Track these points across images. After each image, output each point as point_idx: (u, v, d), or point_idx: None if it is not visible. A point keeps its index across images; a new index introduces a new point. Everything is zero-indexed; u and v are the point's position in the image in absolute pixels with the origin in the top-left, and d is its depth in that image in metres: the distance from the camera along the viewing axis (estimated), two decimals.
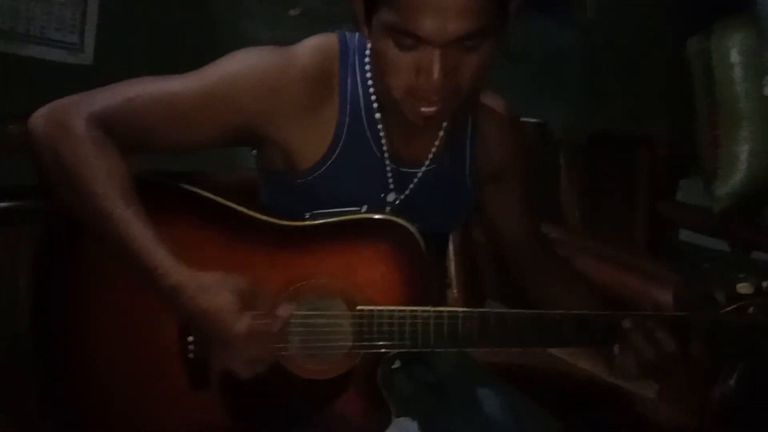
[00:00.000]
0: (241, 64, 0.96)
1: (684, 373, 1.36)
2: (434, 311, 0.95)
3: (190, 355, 0.96)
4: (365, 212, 0.99)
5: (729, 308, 0.99)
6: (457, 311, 0.96)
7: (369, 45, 1.00)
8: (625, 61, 2.29)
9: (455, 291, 1.67)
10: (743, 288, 0.99)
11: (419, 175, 1.06)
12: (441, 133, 1.05)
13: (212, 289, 0.88)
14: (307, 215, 0.99)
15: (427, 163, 1.06)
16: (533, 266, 1.21)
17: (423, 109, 0.92)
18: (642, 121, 2.21)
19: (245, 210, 0.98)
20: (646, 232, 2.15)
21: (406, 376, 1.10)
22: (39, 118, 0.90)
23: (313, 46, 1.00)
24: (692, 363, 1.14)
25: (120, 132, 0.91)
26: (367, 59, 1.01)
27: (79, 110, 0.89)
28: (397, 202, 1.05)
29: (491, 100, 1.11)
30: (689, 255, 2.24)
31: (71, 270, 0.97)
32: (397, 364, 1.09)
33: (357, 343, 0.96)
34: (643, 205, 2.15)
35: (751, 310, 0.99)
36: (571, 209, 2.01)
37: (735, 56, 1.98)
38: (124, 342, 0.96)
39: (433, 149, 1.06)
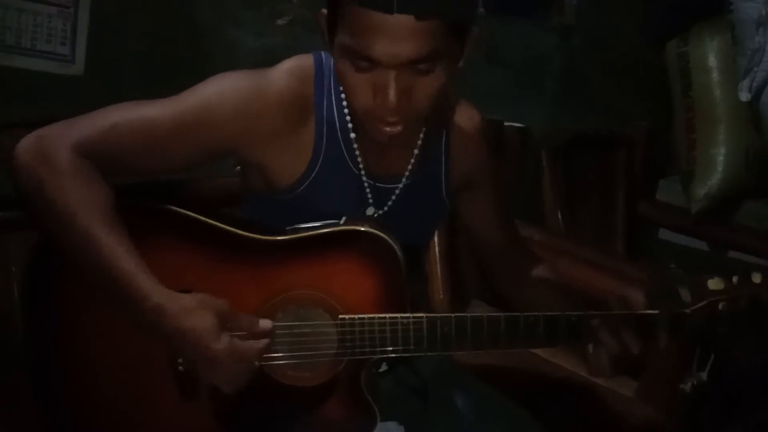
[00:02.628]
0: (217, 91, 0.97)
1: (656, 368, 1.40)
2: (414, 317, 0.99)
3: (180, 368, 0.97)
4: (345, 224, 1.01)
5: (699, 305, 1.01)
6: (435, 316, 0.99)
7: None
8: (604, 64, 2.32)
9: (441, 293, 1.71)
10: (713, 284, 1.01)
11: (397, 191, 1.08)
12: (416, 151, 1.08)
13: (193, 310, 0.89)
14: (288, 229, 1.01)
15: (404, 179, 1.08)
16: (511, 270, 1.24)
17: (386, 129, 0.94)
18: (621, 123, 2.23)
19: (226, 226, 0.98)
20: (626, 232, 2.18)
21: (391, 379, 1.13)
22: (22, 148, 0.90)
23: (288, 70, 1.01)
24: (663, 358, 1.17)
25: (102, 160, 0.92)
26: None
27: (62, 140, 0.90)
28: (376, 215, 1.07)
29: (464, 112, 1.13)
30: (668, 254, 2.28)
31: (63, 282, 0.97)
32: (383, 368, 1.12)
33: (341, 351, 0.99)
34: (622, 205, 2.18)
35: (721, 306, 1.01)
36: (552, 211, 2.04)
37: (712, 61, 2.03)
38: (115, 354, 0.97)
39: (410, 166, 1.08)
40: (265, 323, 0.95)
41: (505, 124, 1.88)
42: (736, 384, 1.46)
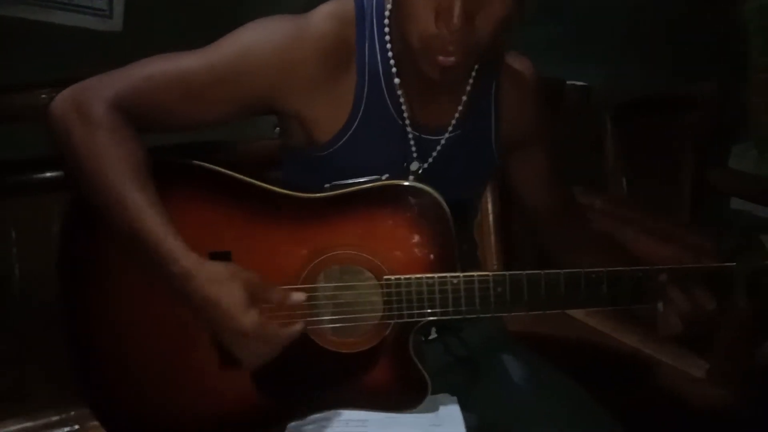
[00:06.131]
0: (253, 38, 0.94)
1: (729, 342, 1.31)
2: (464, 276, 0.93)
3: None
4: (388, 180, 0.96)
5: None
6: (487, 275, 0.94)
7: (389, 6, 0.98)
8: (670, 18, 2.17)
9: (494, 262, 1.64)
10: None
11: (442, 142, 1.03)
12: (464, 98, 1.02)
13: (222, 280, 0.86)
14: (327, 186, 0.97)
15: (450, 129, 1.03)
16: (563, 236, 1.17)
17: (440, 58, 0.88)
18: (689, 83, 2.11)
19: (264, 184, 0.95)
20: (694, 200, 2.09)
21: (440, 348, 1.08)
22: (58, 101, 0.89)
23: (328, 13, 0.96)
24: (737, 326, 1.08)
25: (139, 113, 0.90)
26: (386, 21, 0.98)
27: (97, 93, 0.88)
28: (420, 170, 1.02)
29: (516, 61, 1.07)
30: (740, 224, 2.16)
31: (98, 244, 0.95)
32: (433, 334, 1.07)
33: (387, 314, 0.94)
34: (689, 172, 2.08)
35: None
36: (615, 177, 1.95)
37: None
38: (153, 316, 0.95)
39: (456, 114, 1.02)
40: (297, 296, 0.91)
41: (567, 83, 1.77)
42: None
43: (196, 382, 0.96)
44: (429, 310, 0.93)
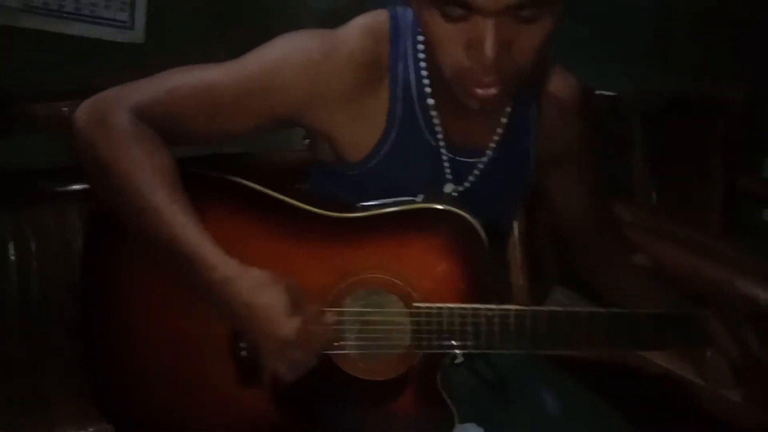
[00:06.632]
0: (282, 52, 0.90)
1: None
2: (499, 309, 0.89)
3: (243, 353, 0.92)
4: (423, 202, 0.92)
5: None
6: (525, 309, 0.89)
7: None
8: (700, 18, 2.10)
9: (521, 279, 1.61)
10: None
11: (480, 165, 0.99)
12: (503, 120, 0.97)
13: (265, 284, 0.83)
14: (358, 206, 0.94)
15: (489, 152, 0.98)
16: (602, 255, 1.13)
17: (479, 91, 0.83)
18: (717, 84, 2.03)
19: (294, 201, 0.92)
20: (724, 211, 2.01)
21: (466, 372, 1.05)
22: (80, 111, 0.86)
23: (361, 28, 0.92)
24: None
25: (161, 125, 0.87)
26: (420, 38, 0.93)
27: (120, 103, 0.86)
28: (455, 193, 0.98)
29: (559, 78, 1.02)
30: None
31: (119, 258, 0.93)
32: (459, 359, 1.03)
33: (415, 343, 0.91)
34: (720, 180, 2.01)
35: None
36: (644, 187, 1.89)
37: None
38: (173, 331, 0.93)
39: (495, 137, 0.98)
40: (330, 317, 0.89)
41: (596, 92, 1.72)
42: None
43: (214, 401, 0.94)
44: (460, 343, 0.90)
